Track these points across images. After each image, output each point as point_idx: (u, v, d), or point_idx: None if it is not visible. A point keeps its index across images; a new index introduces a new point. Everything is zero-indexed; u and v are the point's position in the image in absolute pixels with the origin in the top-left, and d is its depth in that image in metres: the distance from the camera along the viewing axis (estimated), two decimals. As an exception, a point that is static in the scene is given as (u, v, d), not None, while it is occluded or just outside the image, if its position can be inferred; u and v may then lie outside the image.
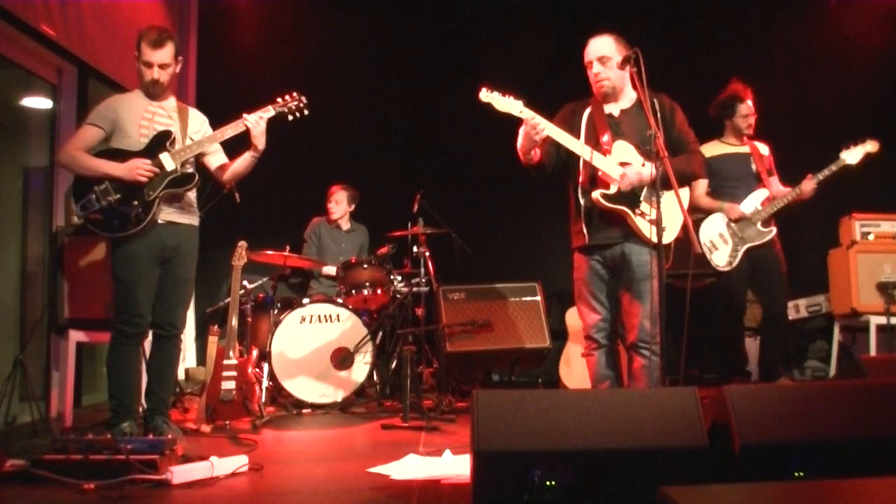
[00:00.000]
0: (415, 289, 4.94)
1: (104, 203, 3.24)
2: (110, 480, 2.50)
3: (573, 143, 3.16)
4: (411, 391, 4.07)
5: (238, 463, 2.80)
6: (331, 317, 4.71)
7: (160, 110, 3.45)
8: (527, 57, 5.94)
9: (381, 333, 5.04)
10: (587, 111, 3.30)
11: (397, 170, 6.02)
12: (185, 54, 3.77)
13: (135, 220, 3.27)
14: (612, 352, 3.24)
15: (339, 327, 4.70)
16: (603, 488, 2.12)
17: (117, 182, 3.25)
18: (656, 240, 2.82)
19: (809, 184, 4.31)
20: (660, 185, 2.85)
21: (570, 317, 5.11)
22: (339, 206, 5.47)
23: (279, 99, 3.53)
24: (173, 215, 3.42)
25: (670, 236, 3.16)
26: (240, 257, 4.25)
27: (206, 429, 3.83)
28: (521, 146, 3.18)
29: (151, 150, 3.33)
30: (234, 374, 4.03)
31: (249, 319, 4.86)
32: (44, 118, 4.51)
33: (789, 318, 5.15)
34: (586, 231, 3.22)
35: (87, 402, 4.52)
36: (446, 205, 5.19)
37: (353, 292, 4.76)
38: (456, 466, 2.77)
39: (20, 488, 2.55)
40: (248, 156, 3.49)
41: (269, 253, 4.78)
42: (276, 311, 4.85)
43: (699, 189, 4.37)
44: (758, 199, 4.37)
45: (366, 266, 4.81)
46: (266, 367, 4.56)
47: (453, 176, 6.04)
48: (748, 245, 4.33)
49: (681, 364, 3.25)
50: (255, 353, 4.33)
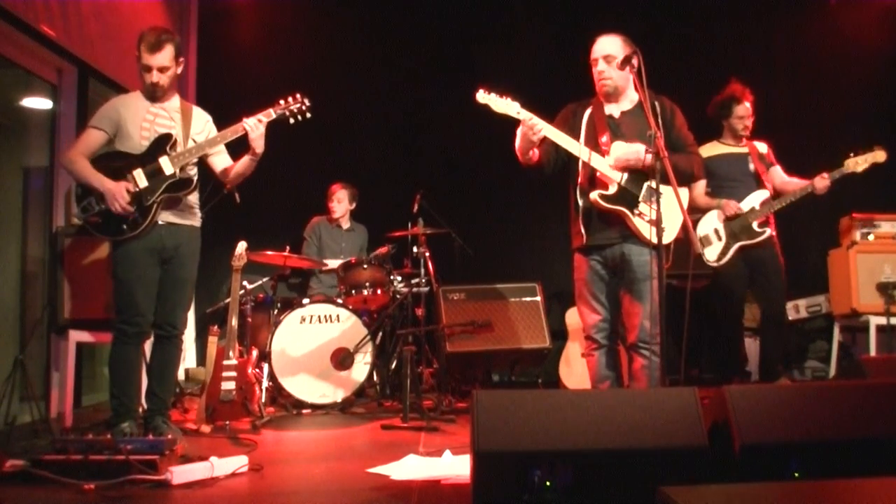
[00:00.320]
0: (415, 289, 4.93)
1: (103, 206, 3.25)
2: (110, 481, 2.50)
3: (571, 144, 3.16)
4: (411, 391, 4.08)
5: (238, 463, 2.80)
6: (331, 317, 4.71)
7: (162, 112, 3.44)
8: (527, 57, 5.94)
9: (381, 334, 5.04)
10: (588, 111, 3.30)
11: (397, 170, 6.02)
12: (185, 54, 3.75)
13: (132, 225, 3.28)
14: (612, 352, 3.25)
15: (339, 327, 4.70)
16: (603, 488, 2.13)
17: None
18: (656, 240, 2.82)
19: (824, 182, 4.30)
20: (659, 183, 2.85)
21: (570, 317, 5.11)
22: (340, 204, 5.47)
23: (281, 101, 3.51)
24: (174, 217, 3.42)
25: (670, 236, 3.16)
26: (240, 257, 4.25)
27: (206, 429, 3.83)
28: (518, 147, 3.18)
29: (152, 153, 3.34)
30: (234, 374, 4.03)
31: (249, 319, 4.86)
32: (44, 118, 4.51)
33: (789, 318, 5.16)
34: (585, 231, 3.22)
35: (87, 402, 4.52)
36: (446, 205, 5.18)
37: (353, 292, 4.76)
38: (456, 467, 2.77)
39: (20, 488, 2.55)
40: (247, 159, 3.49)
41: (269, 253, 4.78)
42: (276, 312, 4.85)
43: (698, 189, 4.37)
44: (757, 199, 4.37)
45: (366, 266, 4.81)
46: (266, 367, 4.56)
47: (453, 176, 6.03)
48: (741, 243, 4.34)
49: (681, 364, 3.25)
50: (255, 353, 4.33)
